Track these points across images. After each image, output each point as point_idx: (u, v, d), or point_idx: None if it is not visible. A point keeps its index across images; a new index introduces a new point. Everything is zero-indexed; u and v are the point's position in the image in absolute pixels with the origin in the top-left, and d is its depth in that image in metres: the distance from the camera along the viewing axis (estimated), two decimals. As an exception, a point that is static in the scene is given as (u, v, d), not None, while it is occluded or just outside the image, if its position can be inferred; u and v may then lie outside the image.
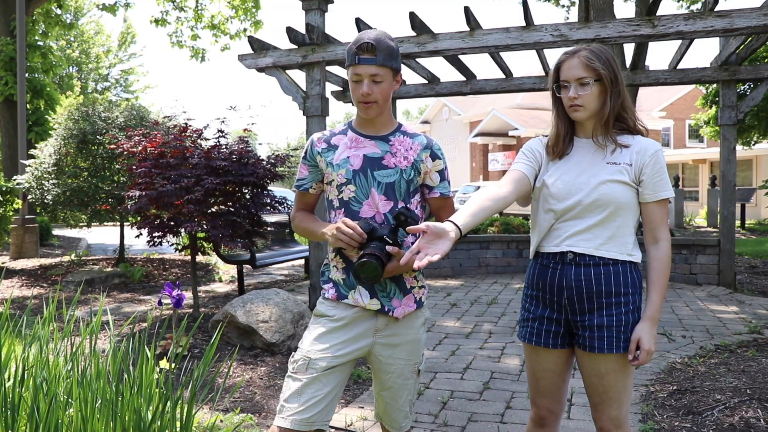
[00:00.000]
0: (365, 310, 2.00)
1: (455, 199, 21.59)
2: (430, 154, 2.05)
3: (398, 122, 2.11)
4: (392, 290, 2.01)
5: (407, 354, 2.06)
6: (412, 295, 2.04)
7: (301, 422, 1.89)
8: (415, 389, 2.15)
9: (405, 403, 2.12)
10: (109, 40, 35.45)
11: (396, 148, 2.03)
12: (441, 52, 5.98)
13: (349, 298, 2.00)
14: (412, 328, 2.06)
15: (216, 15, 15.87)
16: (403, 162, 2.02)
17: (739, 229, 15.46)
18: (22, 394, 1.99)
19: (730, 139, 7.39)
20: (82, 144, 8.19)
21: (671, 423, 3.23)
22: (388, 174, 2.01)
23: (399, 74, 2.02)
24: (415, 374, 2.11)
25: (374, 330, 2.02)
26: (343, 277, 2.03)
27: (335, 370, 1.96)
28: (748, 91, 13.37)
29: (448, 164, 2.12)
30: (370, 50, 1.93)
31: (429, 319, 2.17)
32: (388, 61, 1.95)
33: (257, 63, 6.42)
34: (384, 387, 2.09)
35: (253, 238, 5.90)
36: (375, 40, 1.93)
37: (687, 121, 30.02)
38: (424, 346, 2.16)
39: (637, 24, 5.40)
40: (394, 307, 2.00)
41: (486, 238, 9.00)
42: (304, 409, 1.90)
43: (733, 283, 7.42)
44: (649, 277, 1.94)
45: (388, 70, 1.96)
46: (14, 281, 8.01)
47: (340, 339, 1.99)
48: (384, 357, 2.04)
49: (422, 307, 2.10)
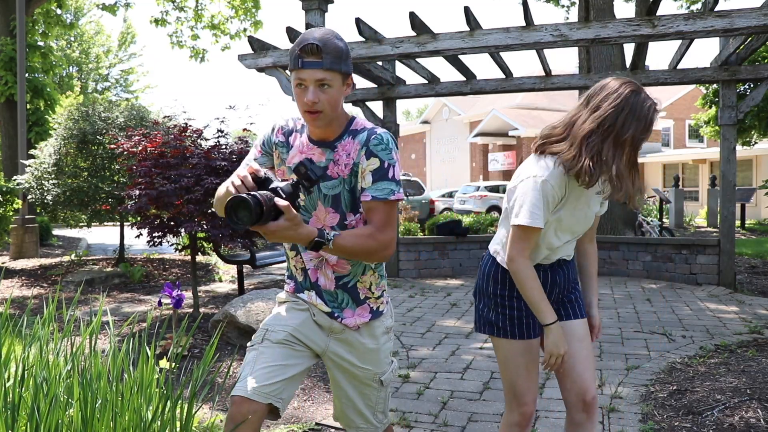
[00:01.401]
0: (321, 310, 1.93)
1: (455, 199, 21.68)
2: (365, 152, 1.80)
3: (350, 118, 1.89)
4: (344, 300, 1.91)
5: (363, 362, 1.95)
6: (367, 305, 1.94)
7: (253, 391, 1.78)
8: (380, 399, 2.01)
9: (365, 408, 2.00)
10: (109, 40, 35.45)
11: (339, 155, 1.83)
12: (441, 52, 5.97)
13: (305, 294, 1.96)
14: (370, 336, 1.95)
15: (216, 15, 15.88)
16: (344, 170, 1.83)
17: (739, 229, 15.46)
18: (22, 394, 1.99)
19: (730, 139, 7.39)
20: (82, 144, 8.20)
21: (671, 423, 3.23)
22: (332, 185, 1.84)
23: (350, 77, 1.81)
24: (376, 383, 1.98)
25: (329, 330, 1.94)
26: (300, 280, 1.97)
27: (292, 348, 1.89)
28: (748, 91, 13.37)
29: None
30: (315, 52, 1.71)
31: (392, 328, 2.04)
32: (336, 64, 1.73)
33: (257, 63, 6.42)
34: (338, 386, 1.99)
35: (253, 238, 5.90)
36: (321, 40, 1.72)
37: (687, 121, 30.00)
38: (389, 356, 2.03)
39: (637, 24, 5.40)
40: (345, 316, 1.91)
41: (486, 238, 8.99)
42: (257, 377, 1.81)
43: (733, 283, 7.42)
44: (591, 269, 2.28)
45: (336, 74, 1.74)
46: (14, 281, 8.01)
47: (300, 319, 1.93)
48: (338, 359, 1.95)
49: (380, 317, 1.97)
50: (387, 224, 1.80)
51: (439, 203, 20.31)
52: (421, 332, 5.37)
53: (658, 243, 8.25)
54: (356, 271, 1.91)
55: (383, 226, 1.79)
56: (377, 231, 1.78)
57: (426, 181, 33.53)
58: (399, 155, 1.87)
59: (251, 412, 1.78)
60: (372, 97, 8.68)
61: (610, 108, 1.89)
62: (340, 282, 1.90)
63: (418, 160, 37.13)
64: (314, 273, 1.92)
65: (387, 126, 8.66)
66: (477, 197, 20.72)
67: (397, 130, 8.77)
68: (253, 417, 1.78)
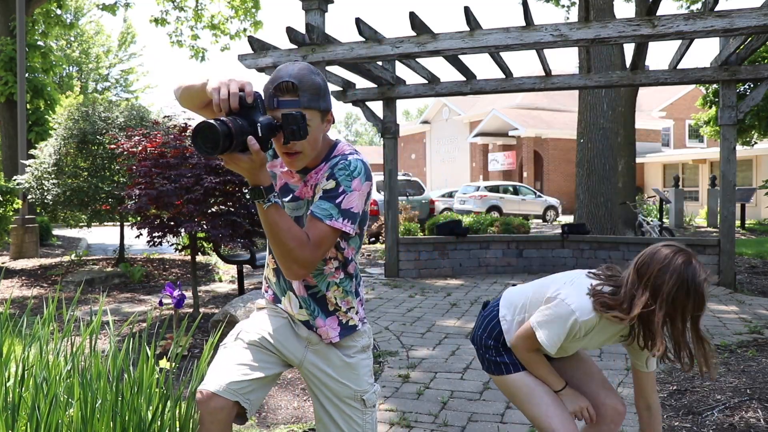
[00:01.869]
0: (298, 320, 1.90)
1: (455, 199, 21.66)
2: (328, 174, 1.71)
3: (332, 144, 1.80)
4: (314, 309, 1.87)
5: (341, 376, 1.88)
6: (336, 317, 1.87)
7: (220, 387, 1.75)
8: (367, 423, 1.90)
9: (349, 430, 1.89)
10: (109, 39, 35.47)
11: (310, 176, 1.78)
12: (441, 52, 5.97)
13: (282, 303, 1.92)
14: (345, 354, 1.89)
15: (216, 15, 15.88)
16: (309, 192, 1.78)
17: (739, 229, 15.45)
18: (22, 394, 1.99)
19: (730, 139, 7.39)
20: (82, 144, 8.19)
21: (671, 423, 3.23)
22: (296, 206, 1.81)
23: (329, 114, 1.72)
24: (357, 403, 1.88)
25: (308, 341, 1.90)
26: (275, 280, 1.94)
27: (263, 351, 1.86)
28: (748, 91, 13.37)
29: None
30: (290, 90, 1.62)
31: (370, 347, 1.98)
32: (314, 102, 1.65)
33: (257, 63, 6.42)
34: (321, 408, 1.91)
35: (253, 237, 5.90)
36: (296, 78, 1.62)
37: (687, 121, 30.03)
38: (369, 376, 1.94)
39: (637, 24, 5.40)
40: (317, 325, 1.87)
41: (486, 238, 9.00)
42: (225, 374, 1.78)
43: (733, 283, 7.42)
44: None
45: (315, 112, 1.65)
46: (14, 281, 8.01)
47: (276, 325, 1.91)
48: (316, 370, 1.89)
49: (353, 334, 1.90)
50: (316, 245, 1.66)
51: (439, 203, 20.30)
52: (421, 332, 5.37)
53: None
54: (321, 287, 1.86)
55: (313, 243, 1.66)
56: (308, 243, 1.65)
57: (426, 181, 33.55)
58: (366, 188, 1.74)
59: (218, 407, 1.75)
60: (372, 97, 8.68)
61: (667, 289, 1.85)
62: (309, 291, 1.87)
63: (418, 160, 37.14)
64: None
65: (387, 126, 8.66)
66: (477, 197, 20.72)
67: (397, 130, 8.77)
68: (221, 414, 1.75)
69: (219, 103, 1.51)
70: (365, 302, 2.04)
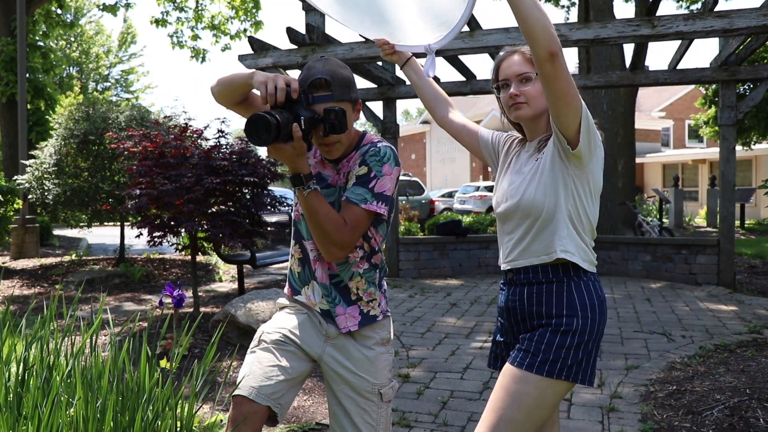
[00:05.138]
0: (318, 313, 1.93)
1: (455, 199, 21.66)
2: (360, 160, 1.81)
3: (361, 134, 1.91)
4: (335, 296, 1.90)
5: (359, 369, 1.89)
6: (358, 306, 1.90)
7: (252, 392, 1.79)
8: (381, 416, 1.91)
9: (365, 427, 1.89)
10: (110, 40, 35.45)
11: (342, 164, 1.87)
12: (441, 52, 5.98)
13: (302, 294, 1.95)
14: (363, 345, 1.91)
15: (216, 15, 15.88)
16: (341, 179, 1.86)
17: (738, 229, 15.46)
18: (23, 394, 1.99)
19: (730, 139, 7.39)
20: (83, 144, 8.20)
21: (671, 423, 3.24)
22: (329, 193, 1.86)
23: (359, 103, 1.83)
24: (374, 396, 1.89)
25: (326, 335, 1.92)
26: (299, 270, 1.96)
27: (286, 349, 1.89)
28: (747, 92, 13.38)
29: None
30: (324, 86, 1.72)
31: (390, 342, 1.97)
32: (346, 95, 1.76)
33: (257, 63, 6.43)
34: (337, 402, 1.93)
35: (254, 237, 5.91)
36: (328, 74, 1.73)
37: (687, 121, 30.00)
38: (388, 370, 1.94)
39: (637, 24, 5.40)
40: (337, 313, 1.90)
41: (486, 238, 9.01)
42: (256, 378, 1.82)
43: (733, 283, 7.43)
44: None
45: (347, 104, 1.76)
46: (14, 281, 8.02)
47: (297, 321, 1.93)
48: (334, 363, 1.91)
49: (373, 325, 1.92)
50: (353, 227, 1.77)
51: (439, 203, 20.31)
52: (421, 332, 5.38)
53: (657, 243, 8.26)
54: (343, 276, 1.90)
55: (350, 226, 1.77)
56: (345, 226, 1.76)
57: (426, 181, 33.54)
58: (396, 172, 1.83)
59: (251, 412, 1.79)
60: (372, 97, 8.69)
61: None
62: (333, 280, 1.91)
63: (418, 160, 37.14)
64: (314, 263, 1.93)
65: (387, 126, 8.66)
66: (477, 197, 20.71)
67: (397, 130, 8.78)
68: (253, 417, 1.79)
69: (266, 96, 1.65)
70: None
